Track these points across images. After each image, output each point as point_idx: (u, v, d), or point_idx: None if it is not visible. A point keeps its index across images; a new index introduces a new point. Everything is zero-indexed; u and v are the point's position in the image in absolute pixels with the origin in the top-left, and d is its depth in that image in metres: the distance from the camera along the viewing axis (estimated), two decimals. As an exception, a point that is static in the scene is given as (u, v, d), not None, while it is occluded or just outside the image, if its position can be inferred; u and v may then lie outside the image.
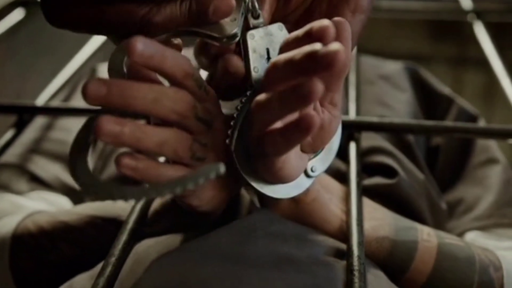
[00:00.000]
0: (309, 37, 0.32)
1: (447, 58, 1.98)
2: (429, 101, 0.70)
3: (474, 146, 0.67)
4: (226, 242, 0.40)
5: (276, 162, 0.37)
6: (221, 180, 0.41)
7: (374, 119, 0.54)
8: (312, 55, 0.30)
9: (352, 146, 0.51)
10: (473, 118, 0.69)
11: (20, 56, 1.00)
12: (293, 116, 0.33)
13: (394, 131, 0.59)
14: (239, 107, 0.39)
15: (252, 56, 0.40)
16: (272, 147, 0.36)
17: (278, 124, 0.36)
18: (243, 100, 0.39)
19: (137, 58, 0.32)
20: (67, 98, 0.69)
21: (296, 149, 0.38)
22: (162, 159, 0.42)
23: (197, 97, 0.37)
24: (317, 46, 0.30)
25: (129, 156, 0.34)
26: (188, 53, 0.69)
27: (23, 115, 0.60)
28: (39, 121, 0.66)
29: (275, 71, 0.34)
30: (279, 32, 0.41)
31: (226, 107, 0.42)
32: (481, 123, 0.69)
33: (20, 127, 0.59)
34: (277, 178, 0.39)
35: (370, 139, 0.58)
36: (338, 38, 0.33)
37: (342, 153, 0.49)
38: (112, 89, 0.32)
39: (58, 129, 0.66)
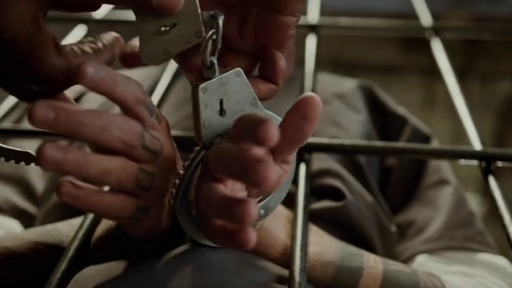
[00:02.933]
0: (255, 133, 0.31)
1: (420, 69, 2.00)
2: (383, 121, 0.71)
3: (426, 167, 0.67)
4: (162, 273, 0.40)
5: None
6: (164, 210, 0.41)
7: (325, 140, 0.54)
8: (248, 172, 0.30)
9: (302, 168, 0.51)
10: (426, 138, 0.69)
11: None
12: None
13: (344, 152, 0.59)
14: (185, 164, 0.38)
15: (203, 111, 0.37)
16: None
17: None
18: (190, 156, 0.38)
19: (87, 82, 0.31)
20: (19, 119, 0.68)
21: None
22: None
23: (147, 124, 0.36)
24: (256, 163, 0.30)
25: (70, 184, 0.33)
26: (146, 72, 0.69)
27: (-29, 137, 0.58)
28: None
29: (219, 159, 0.34)
30: (235, 79, 0.37)
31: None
32: (434, 144, 0.69)
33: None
34: None
35: (320, 161, 0.58)
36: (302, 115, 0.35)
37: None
38: (60, 114, 0.31)
39: (8, 151, 0.65)
